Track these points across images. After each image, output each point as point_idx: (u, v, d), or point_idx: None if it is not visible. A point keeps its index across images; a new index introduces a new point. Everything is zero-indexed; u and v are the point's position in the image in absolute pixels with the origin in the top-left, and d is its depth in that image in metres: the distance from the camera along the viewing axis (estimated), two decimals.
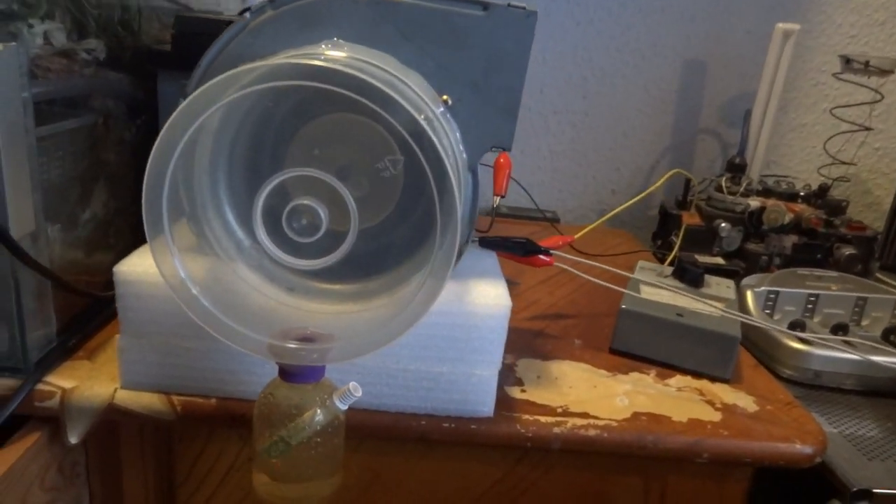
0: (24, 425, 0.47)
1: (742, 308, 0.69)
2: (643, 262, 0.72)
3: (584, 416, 0.49)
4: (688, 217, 0.89)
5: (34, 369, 0.47)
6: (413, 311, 0.36)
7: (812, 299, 0.73)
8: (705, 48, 1.01)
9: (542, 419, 0.48)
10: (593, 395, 0.52)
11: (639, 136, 1.05)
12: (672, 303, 0.60)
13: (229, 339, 0.37)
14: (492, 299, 0.46)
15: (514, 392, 0.51)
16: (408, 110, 0.34)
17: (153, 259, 0.36)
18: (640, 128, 1.05)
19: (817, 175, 1.01)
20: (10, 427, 0.46)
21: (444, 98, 0.44)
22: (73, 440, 0.47)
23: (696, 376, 0.57)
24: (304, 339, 0.38)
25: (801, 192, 0.89)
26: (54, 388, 0.46)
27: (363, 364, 0.46)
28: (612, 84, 1.03)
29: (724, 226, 0.85)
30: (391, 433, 0.48)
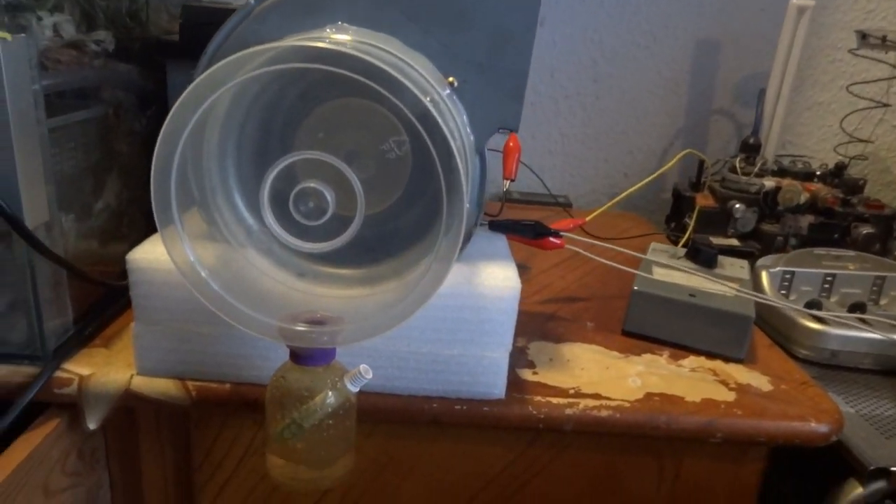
0: (44, 412, 0.48)
1: (757, 289, 0.69)
2: (656, 243, 0.71)
3: (597, 397, 0.49)
4: (701, 199, 0.88)
5: (52, 357, 0.48)
6: (420, 294, 0.36)
7: (829, 279, 0.72)
8: (718, 27, 0.99)
9: (554, 401, 0.48)
10: (605, 377, 0.52)
11: (651, 119, 1.04)
12: (685, 283, 0.60)
13: (240, 323, 0.37)
14: (501, 281, 0.46)
15: (526, 374, 0.51)
16: (414, 93, 0.34)
17: (164, 244, 0.36)
18: (652, 110, 1.04)
19: (834, 154, 1.00)
20: (31, 414, 0.47)
21: (450, 80, 0.44)
22: (92, 426, 0.48)
23: (710, 357, 0.57)
24: (314, 322, 0.38)
25: (818, 171, 0.87)
26: (72, 375, 0.47)
27: (374, 347, 0.46)
28: (623, 66, 1.01)
29: (738, 207, 0.84)
30: (403, 416, 0.48)
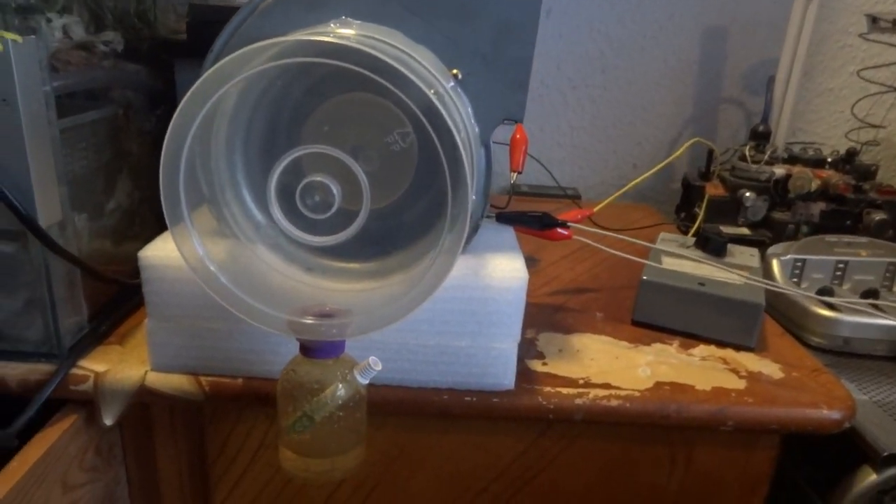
0: (62, 409, 0.49)
1: (768, 277, 0.68)
2: (665, 233, 0.71)
3: (606, 386, 0.49)
4: (711, 188, 0.87)
5: (68, 355, 0.49)
6: (427, 286, 0.36)
7: (841, 266, 0.71)
8: (725, 14, 0.99)
9: (564, 391, 0.48)
10: (615, 367, 0.52)
11: (659, 109, 1.04)
12: (694, 272, 0.60)
13: (250, 317, 0.38)
14: (508, 272, 0.46)
15: (536, 365, 0.52)
16: (418, 86, 0.34)
17: (174, 241, 0.37)
18: (660, 100, 1.03)
19: (846, 140, 0.99)
20: (48, 411, 0.47)
21: (454, 72, 0.44)
22: (108, 422, 0.48)
23: (720, 345, 0.57)
24: (323, 315, 0.39)
25: (829, 157, 0.87)
26: (88, 372, 0.48)
27: (383, 340, 0.46)
28: (630, 57, 1.01)
29: (748, 195, 0.83)
30: (414, 408, 0.48)
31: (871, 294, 0.67)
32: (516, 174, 0.59)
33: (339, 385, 0.39)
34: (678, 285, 0.57)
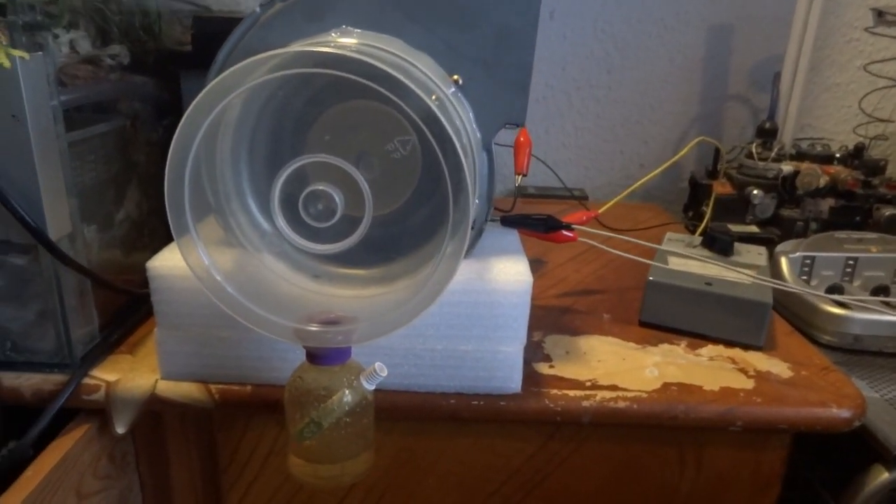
0: (75, 418, 0.49)
1: (777, 275, 0.68)
2: (671, 233, 0.71)
3: (613, 388, 0.49)
4: (718, 186, 0.87)
5: (80, 364, 0.49)
6: (430, 291, 0.37)
7: (851, 263, 0.71)
8: (731, 11, 0.98)
9: (571, 393, 0.48)
10: (622, 368, 0.52)
11: (665, 108, 1.03)
12: (701, 272, 0.60)
13: (256, 326, 0.38)
14: (513, 276, 0.46)
15: (543, 368, 0.52)
16: (418, 93, 0.34)
17: (180, 250, 0.37)
18: (666, 99, 1.03)
19: (854, 136, 0.98)
20: (62, 420, 0.48)
21: (455, 78, 0.44)
22: (121, 430, 0.49)
23: (729, 345, 0.56)
24: (328, 322, 0.39)
25: (837, 153, 0.86)
26: (99, 381, 0.49)
27: (390, 346, 0.47)
28: (636, 56, 1.01)
29: (756, 193, 0.83)
30: (422, 412, 0.48)
31: (881, 290, 0.67)
32: (521, 177, 0.60)
33: (346, 391, 0.39)
34: (685, 285, 0.57)
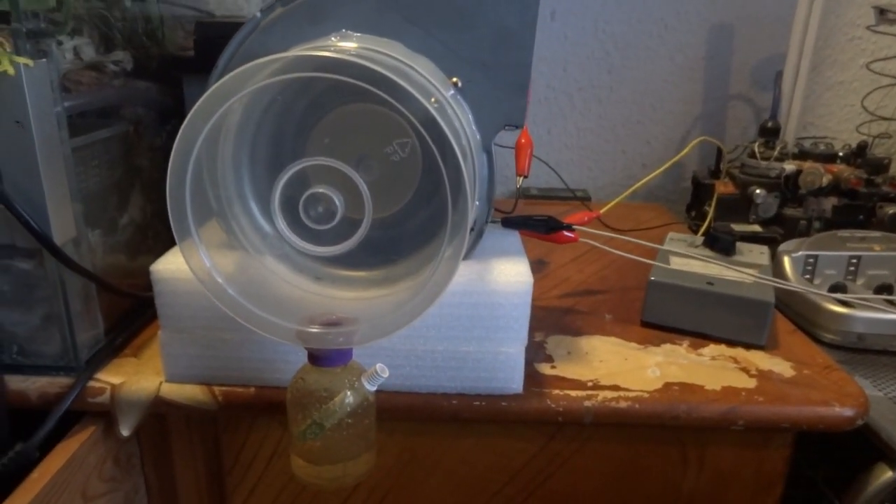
0: (80, 420, 0.50)
1: (779, 275, 0.68)
2: (673, 233, 0.71)
3: (615, 388, 0.49)
4: (721, 186, 0.87)
5: (85, 368, 0.50)
6: (430, 293, 0.37)
7: (854, 261, 0.70)
8: (732, 10, 0.98)
9: (573, 393, 0.49)
10: (624, 368, 0.52)
11: (667, 108, 1.03)
12: (703, 272, 0.60)
13: (258, 327, 0.38)
14: (514, 276, 0.46)
15: (544, 368, 0.52)
16: (417, 97, 0.35)
17: (182, 253, 0.38)
18: (668, 99, 1.03)
19: (857, 134, 0.98)
20: (68, 423, 0.49)
21: (454, 80, 0.44)
22: (126, 432, 0.49)
23: (731, 344, 0.56)
24: (329, 323, 0.39)
25: (840, 152, 0.86)
26: (104, 384, 0.49)
27: (392, 347, 0.47)
28: (637, 56, 1.01)
29: (758, 192, 0.83)
30: (424, 413, 0.49)
31: (885, 289, 0.66)
32: (522, 178, 0.60)
33: (348, 392, 0.40)
34: (686, 285, 0.57)
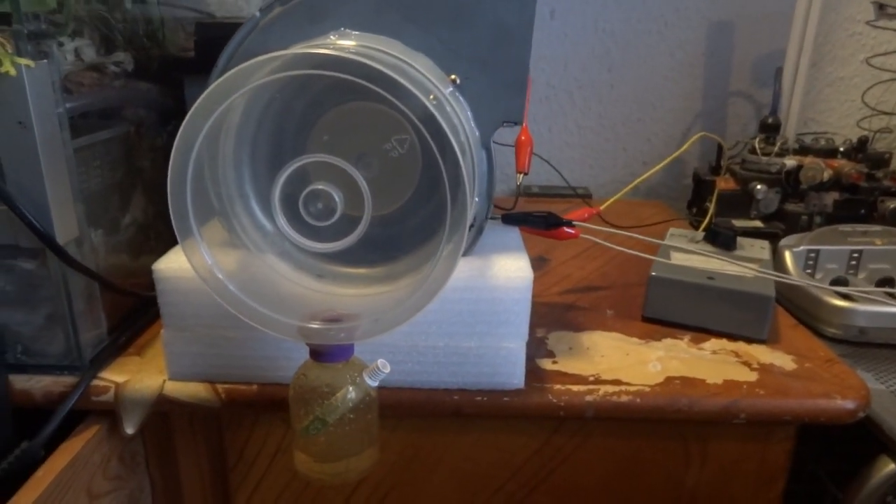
0: (85, 419, 0.50)
1: (781, 269, 0.68)
2: (674, 229, 0.71)
3: (617, 383, 0.49)
4: (722, 182, 0.87)
5: (89, 367, 0.50)
6: (429, 289, 0.37)
7: (855, 255, 0.70)
8: (731, 7, 0.98)
9: (574, 388, 0.49)
10: (625, 363, 0.52)
11: (667, 105, 1.03)
12: (703, 267, 0.60)
13: (260, 324, 0.39)
14: (514, 272, 0.46)
15: (546, 364, 0.52)
16: (415, 94, 0.35)
17: (184, 252, 0.38)
18: (668, 96, 1.03)
19: (858, 129, 0.97)
20: (72, 421, 0.49)
21: (453, 77, 0.44)
22: (130, 431, 0.50)
23: (732, 339, 0.56)
24: (332, 320, 0.39)
25: (841, 147, 0.86)
26: (108, 383, 0.49)
27: (393, 343, 0.47)
28: (637, 54, 1.01)
29: (759, 188, 0.83)
30: (426, 409, 0.49)
31: (886, 283, 0.66)
32: (523, 175, 0.60)
33: (350, 388, 0.40)
34: (687, 280, 0.57)
